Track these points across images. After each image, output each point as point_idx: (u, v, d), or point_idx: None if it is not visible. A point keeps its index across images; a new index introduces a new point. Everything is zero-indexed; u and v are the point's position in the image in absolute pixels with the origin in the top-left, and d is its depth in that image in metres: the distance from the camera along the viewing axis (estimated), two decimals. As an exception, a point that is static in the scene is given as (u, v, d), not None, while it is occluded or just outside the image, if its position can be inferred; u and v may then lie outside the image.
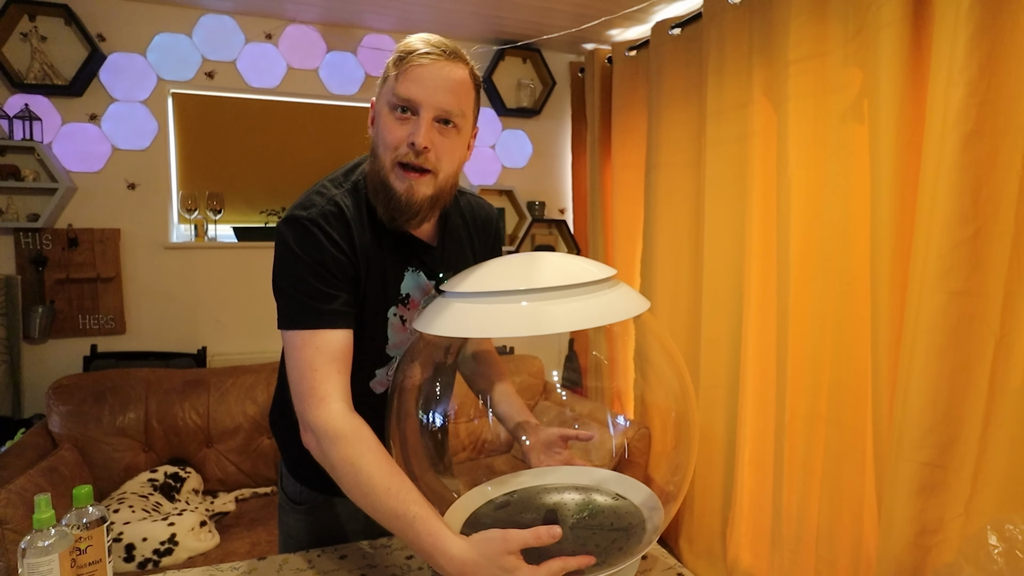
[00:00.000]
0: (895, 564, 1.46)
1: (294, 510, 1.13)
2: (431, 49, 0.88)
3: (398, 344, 1.02)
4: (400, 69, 0.88)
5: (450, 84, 0.89)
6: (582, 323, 0.76)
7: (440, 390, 1.00)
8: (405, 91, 0.87)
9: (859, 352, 1.68)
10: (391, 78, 0.90)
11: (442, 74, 0.88)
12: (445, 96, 0.88)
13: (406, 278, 1.01)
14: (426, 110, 0.88)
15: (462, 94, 0.91)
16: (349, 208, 0.94)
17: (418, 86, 0.87)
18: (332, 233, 0.91)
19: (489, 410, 1.16)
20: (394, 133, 0.89)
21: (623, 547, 0.84)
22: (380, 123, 0.92)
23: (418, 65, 0.87)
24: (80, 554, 0.85)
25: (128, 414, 2.23)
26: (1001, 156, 1.32)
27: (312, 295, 0.89)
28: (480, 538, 0.75)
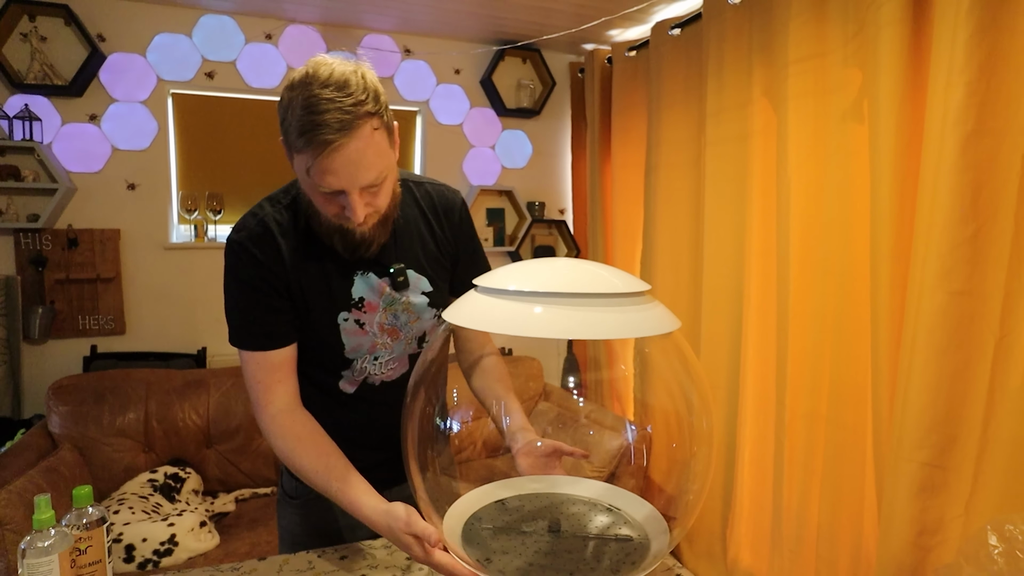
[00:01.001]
0: (895, 564, 1.46)
1: (291, 505, 1.16)
2: (332, 135, 0.84)
3: (356, 348, 1.05)
4: (310, 162, 0.86)
5: (363, 159, 0.87)
6: (614, 333, 0.75)
7: (456, 390, 1.01)
8: (326, 184, 0.88)
9: (859, 352, 1.68)
10: (302, 159, 0.87)
11: (351, 156, 0.86)
12: (363, 174, 0.88)
13: (356, 282, 1.03)
14: (351, 192, 0.89)
15: (376, 156, 0.89)
16: (283, 224, 0.99)
17: (335, 177, 0.87)
18: (258, 254, 0.97)
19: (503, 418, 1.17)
20: (329, 207, 0.93)
21: (635, 561, 0.84)
22: (311, 195, 0.93)
23: (326, 158, 0.85)
24: (80, 554, 0.85)
25: (128, 415, 2.23)
26: (1001, 156, 1.32)
27: (249, 319, 0.99)
28: (389, 509, 0.89)
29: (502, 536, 0.92)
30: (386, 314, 1.06)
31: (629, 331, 0.76)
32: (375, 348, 1.06)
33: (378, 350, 1.07)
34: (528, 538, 0.91)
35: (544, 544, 0.90)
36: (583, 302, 0.75)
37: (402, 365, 1.10)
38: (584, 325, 0.74)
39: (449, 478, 1.06)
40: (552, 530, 0.93)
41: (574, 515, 0.98)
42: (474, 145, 3.18)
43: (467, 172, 3.18)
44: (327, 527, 1.13)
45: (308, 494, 1.13)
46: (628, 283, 0.81)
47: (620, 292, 0.78)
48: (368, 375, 1.08)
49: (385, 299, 1.05)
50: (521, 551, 0.88)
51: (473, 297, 0.85)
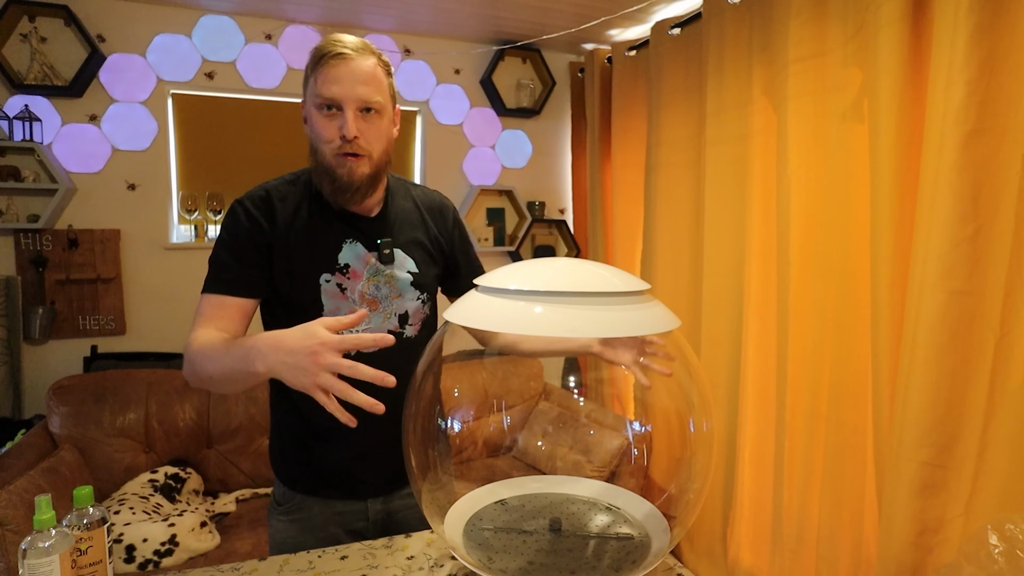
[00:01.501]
0: (895, 564, 1.46)
1: (278, 511, 1.17)
2: (341, 49, 1.00)
3: (334, 311, 1.08)
4: (317, 72, 1.01)
5: (363, 77, 1.01)
6: (615, 331, 0.76)
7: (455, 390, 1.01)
8: (327, 91, 1.00)
9: (859, 352, 1.68)
10: (311, 81, 1.02)
11: (354, 71, 1.00)
12: (362, 88, 1.01)
13: (344, 249, 1.10)
14: (348, 104, 1.01)
15: (375, 83, 1.03)
16: (281, 190, 1.10)
17: (337, 85, 1.00)
18: (252, 210, 1.06)
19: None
20: (327, 129, 1.03)
21: (636, 560, 0.84)
22: (312, 122, 1.05)
23: (332, 67, 1.00)
24: (81, 555, 0.85)
25: (128, 415, 2.23)
26: (1001, 156, 1.32)
27: (219, 267, 1.05)
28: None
29: (503, 535, 0.92)
30: (369, 284, 1.10)
31: (629, 329, 0.76)
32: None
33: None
34: (529, 537, 0.91)
35: (545, 543, 0.90)
36: (583, 301, 0.75)
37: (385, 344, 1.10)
38: (584, 324, 0.74)
39: (450, 478, 1.06)
40: (553, 529, 0.93)
41: (575, 514, 0.98)
42: (474, 145, 3.18)
43: (467, 172, 3.18)
44: (310, 535, 1.14)
45: (291, 501, 1.15)
46: (628, 282, 0.81)
47: (620, 291, 0.78)
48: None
49: (369, 269, 1.10)
50: (522, 550, 0.88)
51: (474, 296, 0.86)
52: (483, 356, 2.99)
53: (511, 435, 2.70)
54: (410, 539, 1.10)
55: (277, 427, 1.18)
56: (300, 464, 1.15)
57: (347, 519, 1.16)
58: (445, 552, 1.04)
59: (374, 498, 1.17)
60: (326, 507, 1.15)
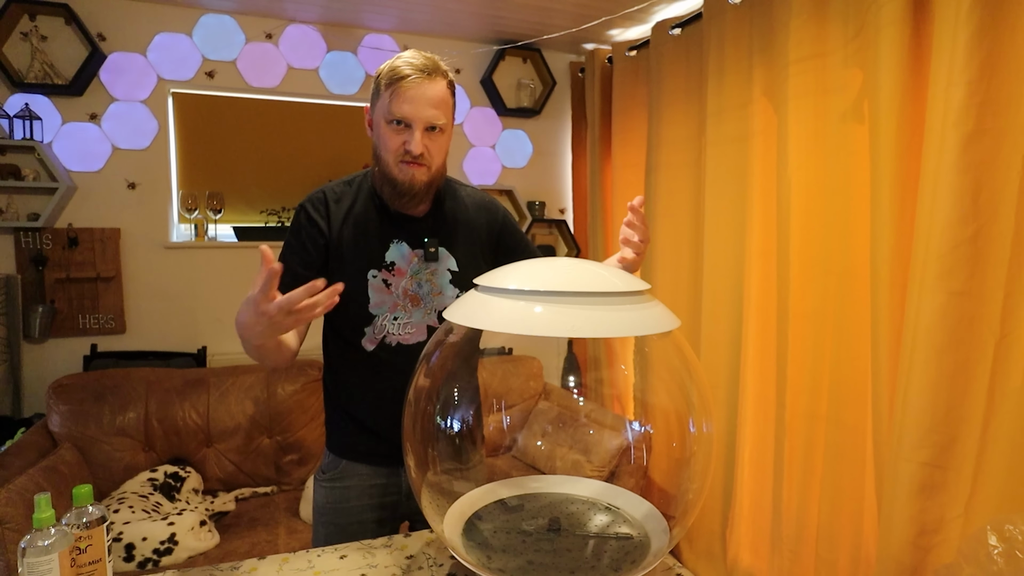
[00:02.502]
0: (895, 564, 1.46)
1: (322, 480, 1.29)
2: (415, 73, 1.10)
3: (379, 303, 1.20)
4: (392, 91, 1.10)
5: (433, 100, 1.11)
6: (615, 331, 0.76)
7: (457, 391, 1.01)
8: (399, 111, 1.10)
9: (859, 352, 1.68)
10: (384, 97, 1.12)
11: (427, 94, 1.10)
12: (431, 111, 1.11)
13: (391, 248, 1.20)
14: (417, 124, 1.11)
15: (443, 105, 1.13)
16: (338, 192, 1.22)
17: (409, 106, 1.10)
18: (311, 212, 1.19)
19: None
20: (394, 141, 1.13)
21: (635, 560, 0.84)
22: (379, 133, 1.15)
23: (406, 88, 1.09)
24: (80, 553, 0.85)
25: (128, 414, 2.23)
26: (1001, 156, 1.32)
27: (285, 265, 1.08)
28: None
29: (502, 535, 0.92)
30: (412, 281, 1.21)
31: (629, 330, 0.76)
32: (395, 308, 1.20)
33: (398, 311, 1.20)
34: (529, 537, 0.91)
35: (545, 543, 0.90)
36: (583, 301, 0.75)
37: (419, 332, 1.22)
38: (584, 324, 0.74)
39: (450, 478, 1.06)
40: (552, 529, 0.93)
41: (574, 514, 0.98)
42: (474, 145, 3.18)
43: (467, 172, 3.18)
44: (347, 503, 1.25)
45: (335, 471, 1.27)
46: (628, 282, 0.81)
47: (620, 291, 0.78)
48: (387, 333, 1.20)
49: (412, 267, 1.21)
50: (522, 550, 0.88)
51: (474, 296, 0.86)
52: (483, 356, 2.99)
53: (511, 435, 2.70)
54: (410, 539, 1.10)
55: (328, 400, 1.32)
56: (345, 432, 1.27)
57: (382, 490, 1.26)
58: (445, 552, 1.04)
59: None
60: (364, 479, 1.25)
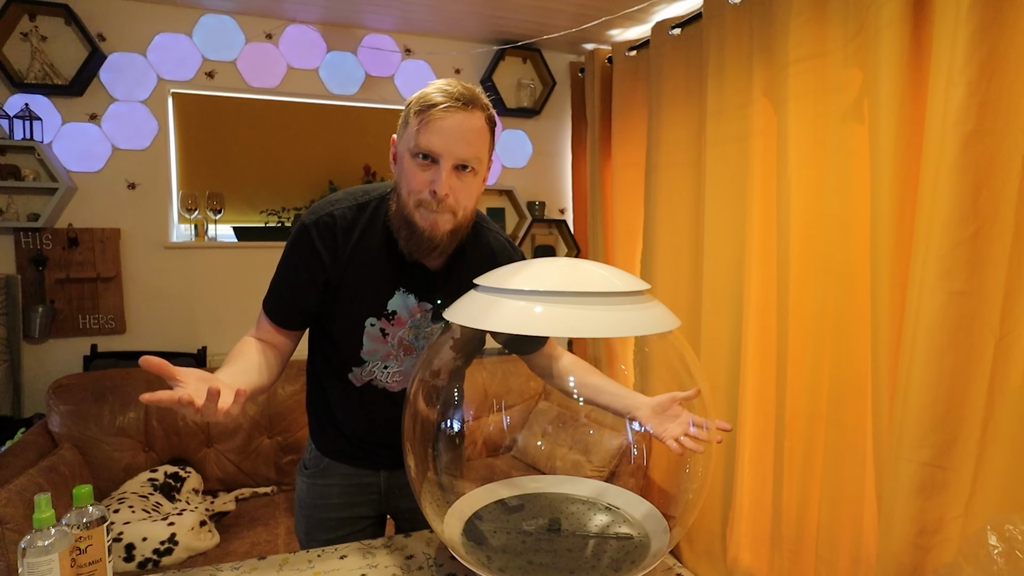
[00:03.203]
0: (895, 564, 1.46)
1: (304, 474, 1.26)
2: (450, 102, 0.94)
3: (371, 351, 1.10)
4: (421, 120, 0.95)
5: (467, 135, 0.95)
6: (615, 331, 0.75)
7: (456, 391, 1.01)
8: (426, 143, 0.94)
9: (859, 352, 1.68)
10: (412, 127, 0.96)
11: (460, 126, 0.94)
12: (463, 147, 0.95)
13: (396, 296, 1.08)
14: (445, 160, 0.95)
15: (478, 142, 0.97)
16: (348, 220, 1.06)
17: (438, 137, 0.94)
18: (316, 241, 1.04)
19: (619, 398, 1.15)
20: (417, 179, 0.97)
21: (635, 560, 0.84)
22: (403, 167, 1.00)
23: (438, 118, 0.93)
24: (80, 554, 0.85)
25: (128, 414, 2.23)
26: (1001, 156, 1.32)
27: (276, 291, 1.08)
28: None
29: (503, 535, 0.92)
30: (410, 332, 1.11)
31: (629, 329, 0.76)
32: (388, 358, 1.11)
33: (390, 360, 1.12)
34: (529, 537, 0.91)
35: (545, 543, 0.90)
36: (583, 301, 0.75)
37: (406, 381, 1.14)
38: (584, 323, 0.74)
39: (450, 477, 1.06)
40: (552, 529, 0.93)
41: (574, 514, 0.98)
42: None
43: (467, 172, 3.18)
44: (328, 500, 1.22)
45: (317, 467, 1.24)
46: (628, 282, 0.81)
47: (620, 291, 0.78)
48: (375, 378, 1.13)
49: (414, 320, 1.10)
50: (522, 550, 0.88)
51: (474, 296, 0.86)
52: (483, 356, 2.99)
53: (511, 435, 2.70)
54: (410, 539, 1.10)
55: (311, 403, 1.27)
56: (327, 433, 1.23)
57: (362, 490, 1.23)
58: (445, 552, 1.04)
59: (387, 471, 1.23)
60: (345, 478, 1.22)
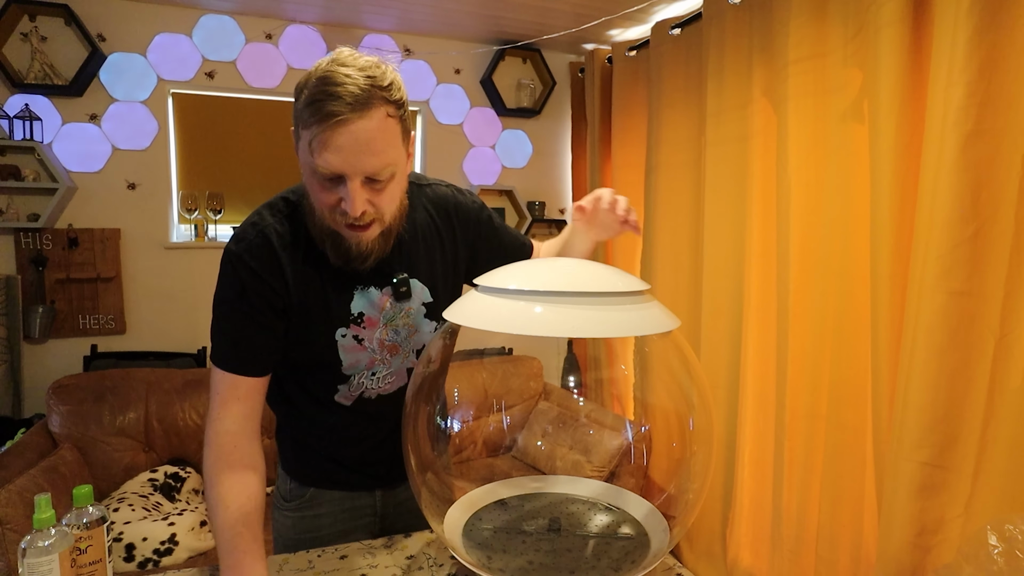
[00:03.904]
0: (895, 564, 1.46)
1: (284, 508, 1.14)
2: (342, 109, 0.78)
3: (353, 364, 1.00)
4: (313, 136, 0.80)
5: (371, 144, 0.81)
6: (615, 331, 0.75)
7: (454, 389, 1.01)
8: (324, 164, 0.81)
9: (859, 352, 1.68)
10: (304, 141, 0.82)
11: (358, 137, 0.80)
12: (368, 159, 0.82)
13: (356, 298, 0.98)
14: (351, 179, 0.83)
15: (385, 145, 0.83)
16: (283, 236, 0.94)
17: (336, 157, 0.80)
18: (256, 269, 0.91)
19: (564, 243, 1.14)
20: (325, 199, 0.86)
21: (635, 560, 0.84)
22: (308, 182, 0.87)
23: (331, 132, 0.79)
24: (80, 554, 0.85)
25: (128, 414, 2.23)
26: (1001, 156, 1.32)
27: (233, 339, 0.93)
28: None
29: (503, 535, 0.92)
30: (387, 330, 1.01)
31: (629, 330, 0.76)
32: (373, 364, 1.02)
33: (376, 366, 1.02)
34: (529, 537, 0.91)
35: (545, 543, 0.90)
36: (583, 301, 0.75)
37: (400, 379, 1.06)
38: (584, 324, 0.74)
39: (450, 477, 1.06)
40: (552, 529, 0.93)
41: (574, 514, 0.98)
42: (474, 145, 3.18)
43: (467, 172, 3.18)
44: (320, 532, 1.12)
45: (302, 498, 1.12)
46: (628, 282, 0.81)
47: (620, 291, 0.78)
48: (365, 389, 1.04)
49: (386, 315, 1.00)
50: (522, 550, 0.88)
51: (474, 296, 0.86)
52: (483, 356, 3.00)
53: (511, 435, 2.70)
54: (410, 539, 1.10)
55: (288, 435, 1.14)
56: (312, 462, 1.12)
57: (356, 513, 1.14)
58: (445, 552, 1.04)
59: (381, 490, 1.15)
60: (336, 504, 1.13)
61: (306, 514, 1.12)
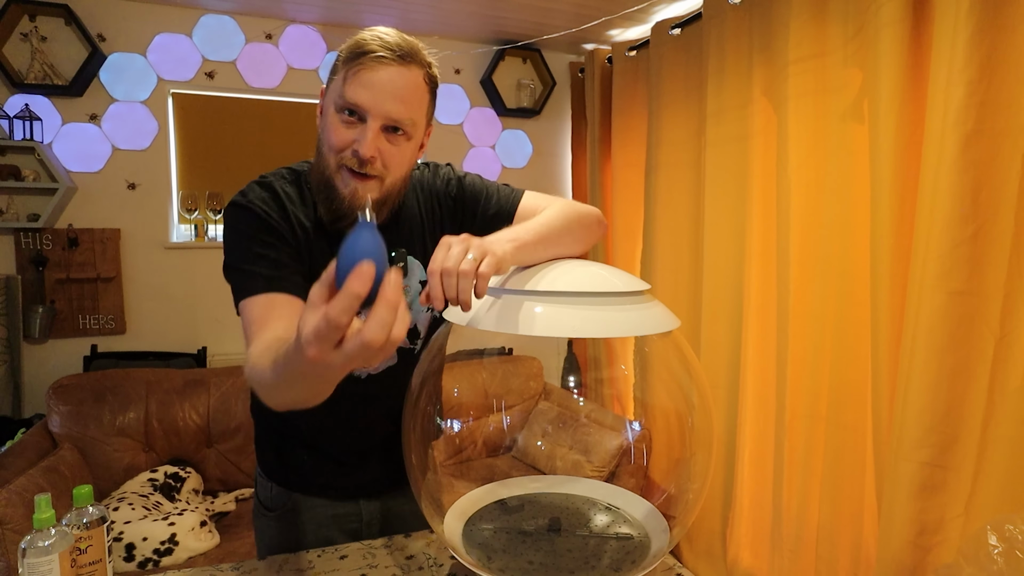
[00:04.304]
0: (895, 564, 1.46)
1: (267, 516, 1.12)
2: (384, 52, 0.83)
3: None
4: (349, 69, 0.83)
5: (401, 91, 0.84)
6: (615, 331, 0.75)
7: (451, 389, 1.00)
8: (352, 95, 0.83)
9: (859, 352, 1.68)
10: (339, 76, 0.85)
11: (393, 80, 0.83)
12: (394, 104, 0.84)
13: None
14: (373, 118, 0.84)
15: (414, 101, 0.87)
16: (288, 193, 0.94)
17: (367, 91, 0.83)
18: (270, 211, 0.90)
19: None
20: (339, 136, 0.86)
21: (635, 560, 0.84)
22: (326, 121, 0.88)
23: (368, 68, 0.82)
24: (80, 554, 0.85)
25: (128, 414, 2.23)
26: (1001, 156, 1.32)
27: (253, 263, 0.87)
28: None
29: (503, 535, 0.92)
30: None
31: (629, 330, 0.76)
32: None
33: None
34: (529, 537, 0.91)
35: (545, 543, 0.90)
36: (583, 301, 0.75)
37: (389, 359, 1.03)
38: (584, 323, 0.74)
39: (450, 477, 1.06)
40: (552, 529, 0.93)
41: (574, 514, 0.98)
42: (474, 145, 3.18)
43: (467, 172, 3.18)
44: (304, 538, 1.10)
45: (284, 506, 1.09)
46: (628, 282, 0.81)
47: (620, 291, 0.78)
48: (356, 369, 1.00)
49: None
50: (522, 550, 0.88)
51: None
52: (483, 356, 2.99)
53: (511, 435, 2.70)
54: (410, 539, 1.10)
55: (267, 429, 1.10)
56: (297, 466, 1.09)
57: (341, 521, 1.11)
58: (445, 552, 1.04)
59: (367, 499, 1.12)
60: (320, 510, 1.10)
61: (290, 522, 1.09)
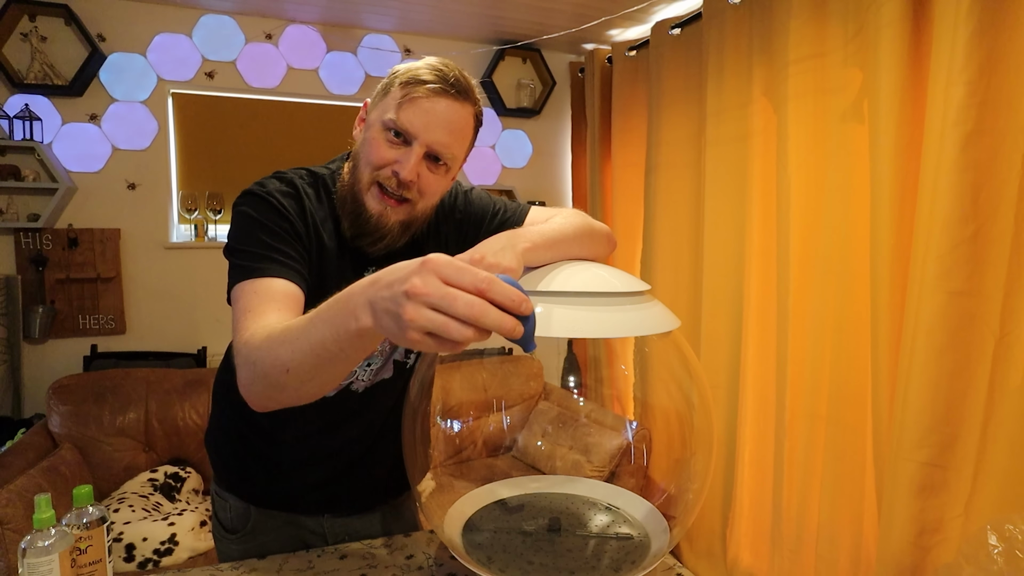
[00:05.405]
0: (895, 564, 1.46)
1: (230, 540, 1.08)
2: (441, 84, 0.85)
3: None
4: (406, 94, 0.85)
5: (451, 124, 0.87)
6: (615, 331, 0.75)
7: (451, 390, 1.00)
8: (404, 119, 0.85)
9: (859, 352, 1.68)
10: (393, 97, 0.86)
11: (447, 113, 0.86)
12: (443, 135, 0.86)
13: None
14: (420, 144, 0.86)
15: (460, 135, 0.89)
16: (308, 194, 0.93)
17: (419, 118, 0.85)
18: (288, 205, 0.89)
19: None
20: (380, 153, 0.87)
21: (635, 560, 0.84)
22: (369, 136, 0.89)
23: (425, 96, 0.85)
24: (80, 554, 0.85)
25: (128, 414, 2.23)
26: (1001, 156, 1.32)
27: (261, 247, 0.84)
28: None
29: (503, 535, 0.92)
30: None
31: (629, 330, 0.76)
32: (371, 354, 0.98)
33: (372, 356, 0.99)
34: (529, 537, 0.91)
35: (545, 543, 0.90)
36: (583, 301, 0.75)
37: (386, 370, 1.03)
38: (585, 324, 0.74)
39: (449, 477, 1.06)
40: (552, 529, 0.93)
41: (574, 514, 0.98)
42: (474, 145, 3.18)
43: (467, 172, 3.18)
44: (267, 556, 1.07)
45: (245, 528, 1.06)
46: (628, 283, 0.81)
47: (620, 291, 0.78)
48: (354, 379, 0.99)
49: None
50: (522, 550, 0.88)
51: None
52: (483, 356, 2.99)
53: (511, 435, 2.70)
54: (410, 539, 1.10)
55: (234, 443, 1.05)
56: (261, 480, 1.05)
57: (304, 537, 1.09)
58: (445, 552, 1.04)
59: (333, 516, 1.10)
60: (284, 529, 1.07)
61: (250, 545, 1.07)
